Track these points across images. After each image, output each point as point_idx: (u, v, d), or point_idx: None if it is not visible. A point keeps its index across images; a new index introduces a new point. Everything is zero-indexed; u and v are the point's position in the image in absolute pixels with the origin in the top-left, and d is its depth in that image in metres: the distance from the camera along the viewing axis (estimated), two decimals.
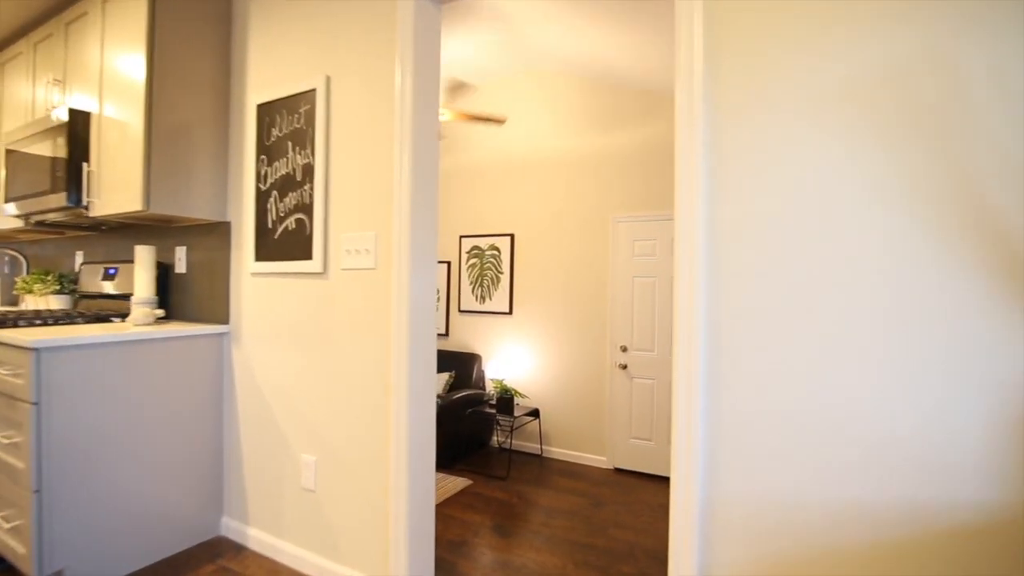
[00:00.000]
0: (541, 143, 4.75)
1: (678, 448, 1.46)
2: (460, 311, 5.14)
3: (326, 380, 2.09)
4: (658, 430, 4.18)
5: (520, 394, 4.44)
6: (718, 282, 1.41)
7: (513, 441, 4.80)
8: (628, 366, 4.30)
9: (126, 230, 3.02)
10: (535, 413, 4.55)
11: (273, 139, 2.27)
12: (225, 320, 2.48)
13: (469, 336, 5.10)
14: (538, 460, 4.56)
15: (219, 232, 2.52)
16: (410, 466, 1.87)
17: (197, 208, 2.44)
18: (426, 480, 1.98)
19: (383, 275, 1.91)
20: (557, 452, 4.60)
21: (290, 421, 2.21)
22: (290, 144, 2.19)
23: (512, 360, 4.85)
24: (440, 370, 4.99)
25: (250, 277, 2.38)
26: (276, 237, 2.24)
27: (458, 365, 4.92)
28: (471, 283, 5.08)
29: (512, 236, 4.86)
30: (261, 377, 2.32)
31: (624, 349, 4.32)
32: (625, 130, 4.35)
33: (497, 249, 4.93)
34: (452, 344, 5.22)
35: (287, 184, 2.20)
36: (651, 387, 4.21)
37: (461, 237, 5.16)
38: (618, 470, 4.34)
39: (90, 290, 3.05)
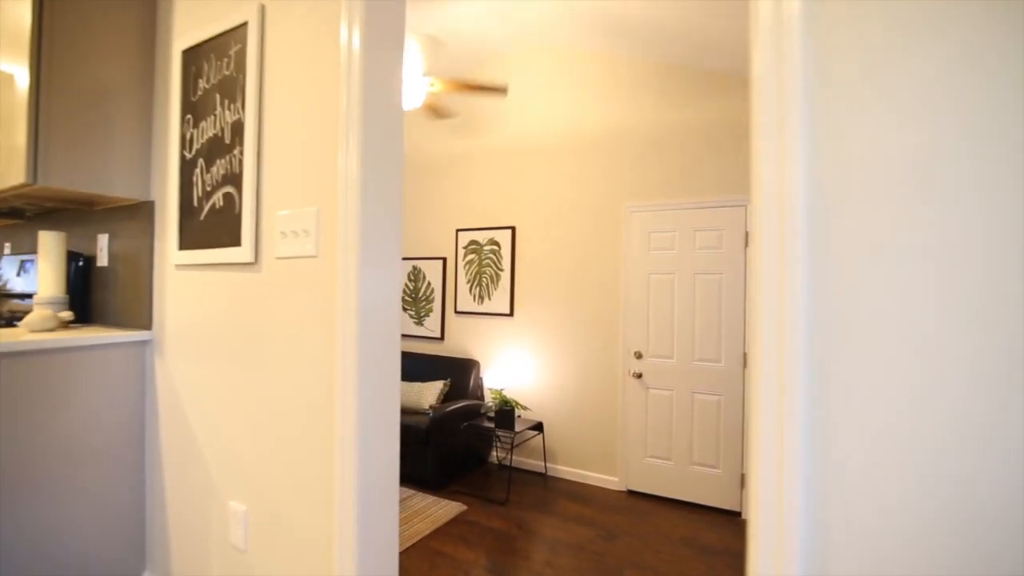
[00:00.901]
0: (545, 125, 4.21)
1: (761, 524, 0.92)
2: (456, 312, 4.61)
3: (256, 405, 1.56)
4: (678, 448, 3.62)
5: (521, 406, 3.90)
6: (826, 273, 0.86)
7: (514, 458, 4.25)
8: (643, 375, 3.75)
9: (55, 216, 2.51)
10: (538, 427, 4.01)
11: (200, 93, 1.75)
12: (148, 325, 1.96)
13: (466, 340, 4.57)
14: (542, 480, 4.01)
15: (142, 215, 2.00)
16: (359, 525, 1.34)
17: (114, 184, 1.92)
18: (385, 534, 1.45)
19: (326, 266, 1.38)
20: (563, 471, 4.05)
21: (217, 458, 1.69)
22: (218, 97, 1.68)
23: (513, 367, 4.30)
24: (434, 378, 4.45)
25: (174, 270, 1.86)
26: (202, 218, 1.72)
27: (454, 372, 4.39)
28: (468, 281, 4.55)
29: (513, 229, 4.33)
30: (186, 399, 1.80)
31: (639, 356, 3.77)
32: (640, 108, 3.81)
33: (497, 244, 4.40)
34: (447, 349, 4.69)
35: (215, 148, 1.68)
36: (669, 399, 3.66)
37: (457, 231, 4.63)
38: (632, 493, 3.79)
39: (12, 288, 2.55)
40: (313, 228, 1.40)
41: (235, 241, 1.58)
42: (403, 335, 4.94)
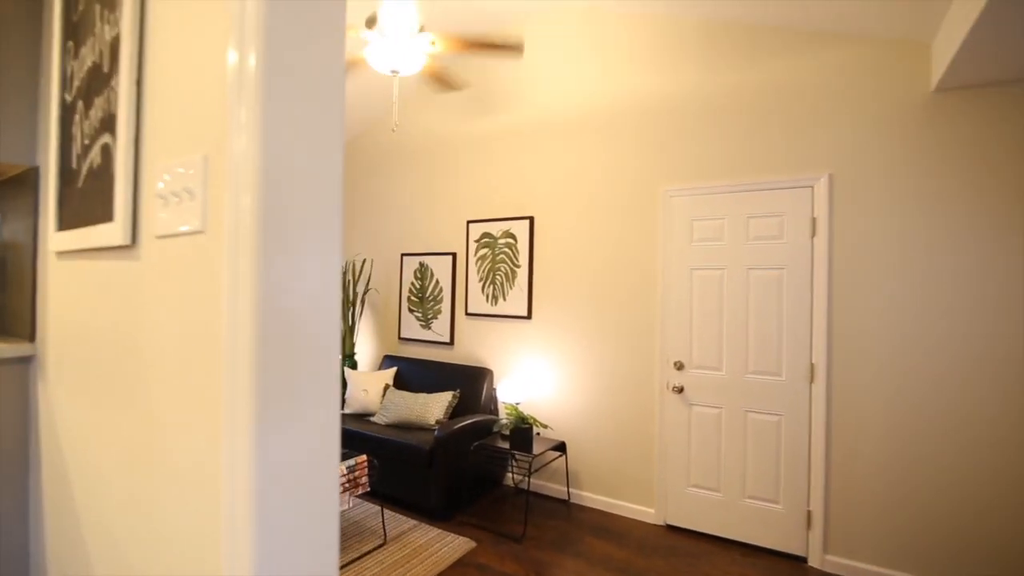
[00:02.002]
0: (569, 99, 3.61)
1: None
2: (467, 314, 4.04)
3: (128, 463, 1.01)
4: (728, 477, 3.00)
5: (541, 424, 3.31)
6: None
7: (533, 480, 3.67)
8: (685, 389, 3.13)
9: None
10: (560, 448, 3.41)
11: (81, 7, 1.22)
12: (31, 335, 1.43)
13: (478, 346, 4.00)
14: (564, 508, 3.42)
15: (28, 186, 1.47)
16: None
17: None
18: None
19: (219, 247, 0.82)
20: (589, 499, 3.45)
21: (93, 531, 1.15)
22: (98, 8, 1.14)
23: (531, 378, 3.72)
24: (442, 388, 3.90)
25: (55, 260, 1.33)
26: (80, 185, 1.19)
27: (464, 383, 3.82)
28: (481, 279, 3.98)
29: (531, 220, 3.74)
30: (65, 443, 1.26)
31: (680, 366, 3.15)
32: (680, 74, 3.18)
33: (513, 236, 3.82)
34: (457, 356, 4.12)
35: (94, 83, 1.15)
36: (717, 418, 3.04)
37: (468, 222, 4.06)
38: (671, 528, 3.17)
39: None
40: (200, 187, 0.84)
41: (107, 214, 1.04)
42: (409, 339, 4.39)
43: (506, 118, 3.87)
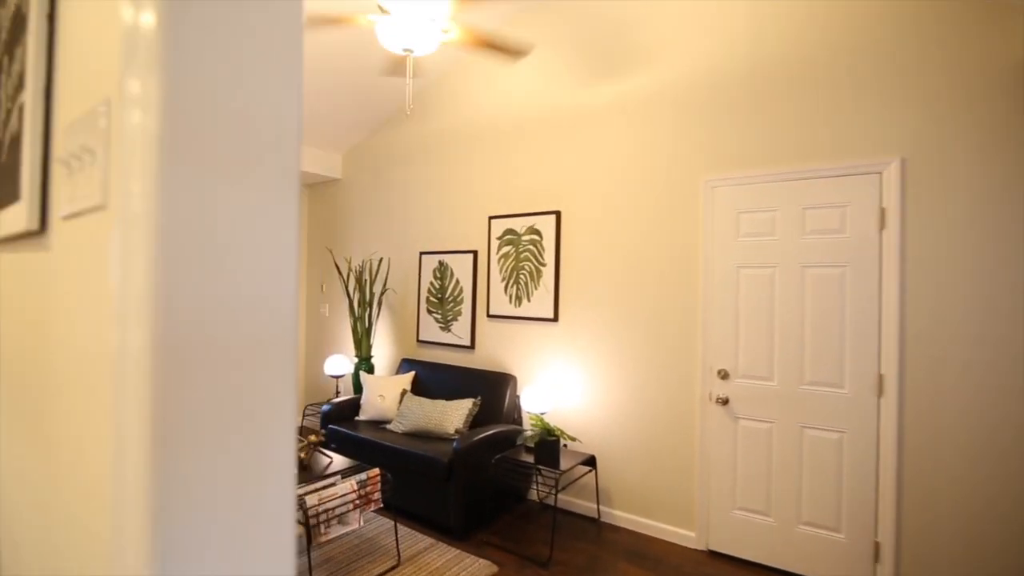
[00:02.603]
0: (597, 83, 3.31)
1: None
2: (489, 316, 3.78)
3: (32, 505, 0.77)
4: (780, 500, 2.66)
5: (568, 436, 3.02)
6: None
7: (560, 496, 3.38)
8: (730, 401, 2.80)
9: None
10: (590, 462, 3.11)
11: None
12: None
13: (501, 350, 3.73)
14: (594, 528, 3.12)
15: None
16: None
17: None
18: None
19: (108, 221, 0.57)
20: (622, 518, 3.14)
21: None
22: None
23: (558, 385, 3.43)
24: (462, 395, 3.64)
25: None
26: (3, 159, 0.96)
27: (485, 389, 3.56)
28: (503, 279, 3.70)
29: (558, 214, 3.45)
30: None
31: (724, 375, 2.82)
32: (725, 44, 2.86)
33: (538, 233, 3.54)
34: (478, 360, 3.86)
35: (15, 31, 0.92)
36: (767, 434, 2.70)
37: (490, 218, 3.79)
38: (715, 555, 2.84)
39: None
40: (101, 145, 0.59)
41: (14, 192, 0.80)
42: (427, 342, 4.15)
43: (529, 104, 3.59)
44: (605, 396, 3.21)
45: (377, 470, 2.76)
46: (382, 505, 2.74)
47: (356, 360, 4.28)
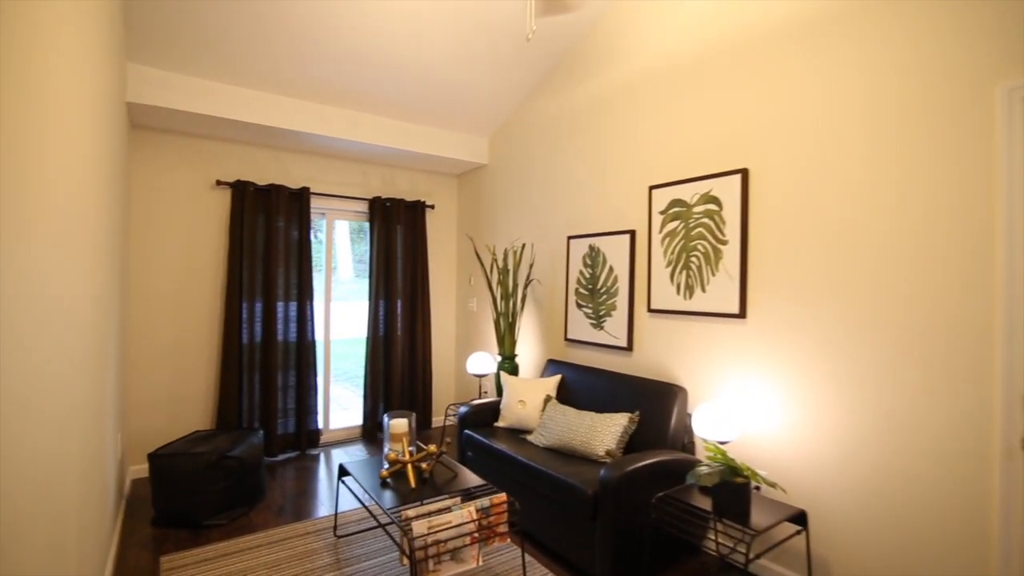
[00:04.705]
0: None
1: None
2: (650, 311, 3.00)
3: None
4: None
5: (764, 479, 2.12)
6: None
7: (751, 556, 2.46)
8: None
9: None
10: (798, 519, 2.16)
11: None
12: None
13: (665, 353, 2.93)
14: None
15: None
16: None
17: None
18: None
19: None
20: None
21: None
22: None
23: (747, 406, 2.52)
24: (616, 407, 2.93)
25: None
26: None
27: (645, 402, 2.80)
28: (669, 263, 2.90)
29: (744, 174, 2.54)
30: None
31: None
32: None
33: (715, 201, 2.67)
34: (637, 366, 3.11)
35: None
36: None
37: (651, 188, 3.01)
38: None
39: None
40: None
41: None
42: (576, 341, 3.52)
43: (706, 33, 2.73)
44: (821, 428, 2.22)
45: (504, 496, 2.21)
46: (508, 541, 2.19)
47: (499, 359, 3.83)
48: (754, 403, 2.47)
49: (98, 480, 2.03)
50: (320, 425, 4.28)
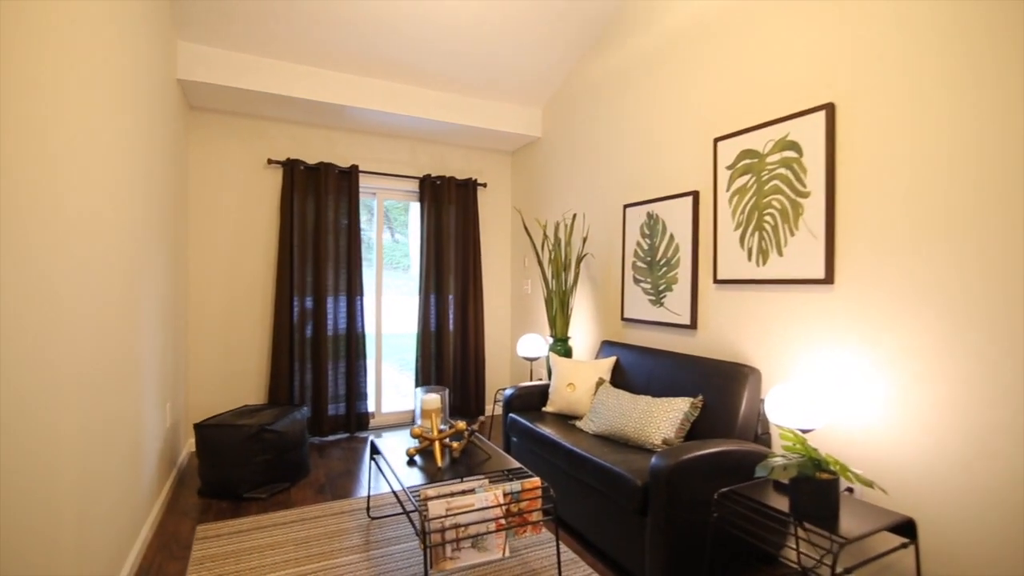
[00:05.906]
0: None
1: None
2: (716, 282, 2.61)
3: None
4: None
5: (859, 477, 1.69)
6: None
7: (838, 570, 2.02)
8: None
9: None
10: (905, 529, 1.71)
11: None
12: None
13: (734, 330, 2.53)
14: None
15: None
16: None
17: None
18: None
19: None
20: None
21: None
22: None
23: (835, 388, 2.08)
24: (676, 391, 2.58)
25: None
26: None
27: (710, 386, 2.42)
28: (738, 226, 2.50)
29: (830, 110, 2.10)
30: None
31: None
32: None
33: (794, 147, 2.24)
34: (701, 346, 2.72)
35: None
36: None
37: (716, 141, 2.62)
38: None
39: None
40: None
41: None
42: (633, 320, 3.17)
43: None
44: (933, 418, 1.76)
45: (537, 480, 1.95)
46: (541, 531, 1.93)
47: (551, 341, 3.56)
48: (844, 387, 2.03)
49: (125, 447, 2.00)
50: (371, 408, 4.22)
